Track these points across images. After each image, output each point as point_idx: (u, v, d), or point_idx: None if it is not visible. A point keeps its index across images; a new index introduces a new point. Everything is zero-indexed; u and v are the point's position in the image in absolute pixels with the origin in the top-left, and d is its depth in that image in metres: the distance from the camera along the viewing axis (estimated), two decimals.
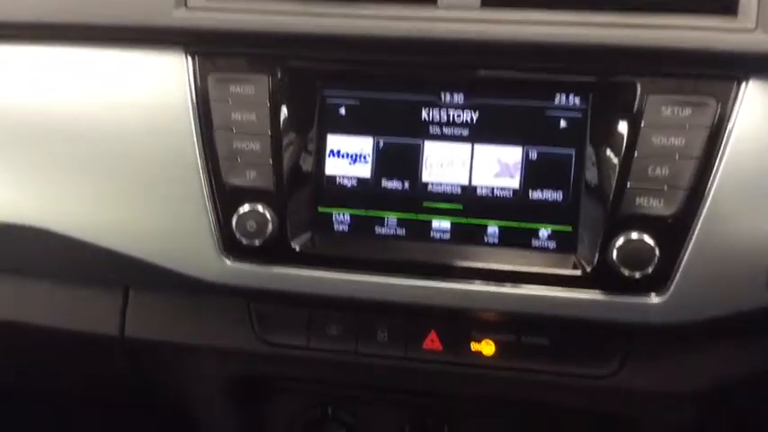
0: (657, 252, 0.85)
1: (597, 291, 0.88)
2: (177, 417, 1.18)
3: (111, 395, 1.27)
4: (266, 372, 1.08)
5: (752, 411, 1.06)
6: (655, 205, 0.85)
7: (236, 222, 0.91)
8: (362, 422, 1.12)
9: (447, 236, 0.93)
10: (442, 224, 0.93)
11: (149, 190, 0.95)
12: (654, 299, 0.87)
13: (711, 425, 1.04)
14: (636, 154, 0.86)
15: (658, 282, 0.86)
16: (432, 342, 0.99)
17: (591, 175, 0.89)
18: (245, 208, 0.91)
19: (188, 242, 0.94)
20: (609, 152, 0.88)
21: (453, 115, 0.92)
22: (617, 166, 0.87)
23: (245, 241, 0.91)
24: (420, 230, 0.94)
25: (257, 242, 0.91)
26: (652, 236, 0.85)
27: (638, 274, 0.85)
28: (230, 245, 0.93)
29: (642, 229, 0.85)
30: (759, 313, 0.87)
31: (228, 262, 0.93)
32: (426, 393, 1.08)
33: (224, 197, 0.92)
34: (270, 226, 0.91)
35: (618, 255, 0.85)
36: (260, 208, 0.91)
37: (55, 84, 0.98)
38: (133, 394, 1.22)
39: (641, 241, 0.85)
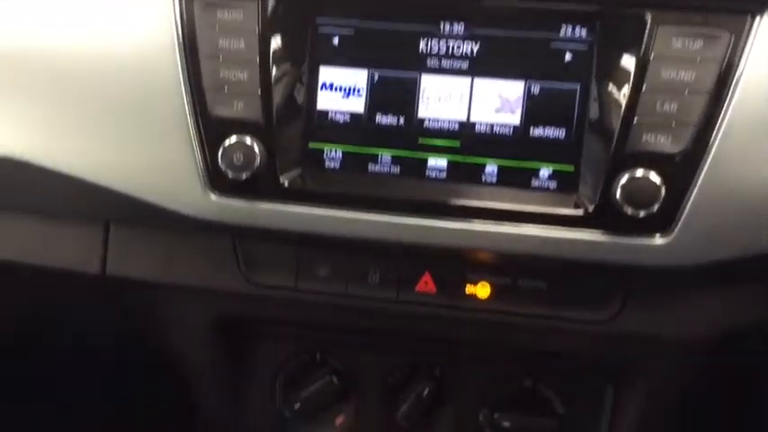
0: (663, 191, 0.82)
1: (599, 231, 0.85)
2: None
3: (100, 356, 1.24)
4: (253, 314, 1.05)
5: (754, 359, 1.05)
6: (662, 142, 0.82)
7: (222, 154, 0.87)
8: (352, 368, 1.10)
9: (443, 174, 0.90)
10: (438, 162, 0.90)
11: (132, 121, 0.91)
12: (658, 240, 0.84)
13: (711, 373, 1.03)
14: (644, 88, 0.82)
15: (663, 222, 0.84)
16: (425, 284, 0.96)
17: (595, 110, 0.86)
18: (232, 140, 0.87)
19: (172, 175, 0.90)
20: (615, 86, 0.84)
21: (453, 47, 0.88)
22: (624, 101, 0.83)
23: (231, 174, 0.87)
24: (415, 168, 0.90)
25: (244, 175, 0.87)
26: (658, 173, 0.82)
27: (642, 213, 0.82)
28: (216, 179, 0.89)
29: (648, 166, 0.82)
30: (764, 259, 0.84)
31: (214, 197, 0.90)
32: (419, 338, 1.06)
33: (210, 128, 0.88)
34: (258, 159, 0.87)
35: (622, 193, 0.82)
36: (247, 140, 0.87)
37: (37, 13, 0.94)
38: (120, 340, 1.19)
39: (647, 179, 0.82)
